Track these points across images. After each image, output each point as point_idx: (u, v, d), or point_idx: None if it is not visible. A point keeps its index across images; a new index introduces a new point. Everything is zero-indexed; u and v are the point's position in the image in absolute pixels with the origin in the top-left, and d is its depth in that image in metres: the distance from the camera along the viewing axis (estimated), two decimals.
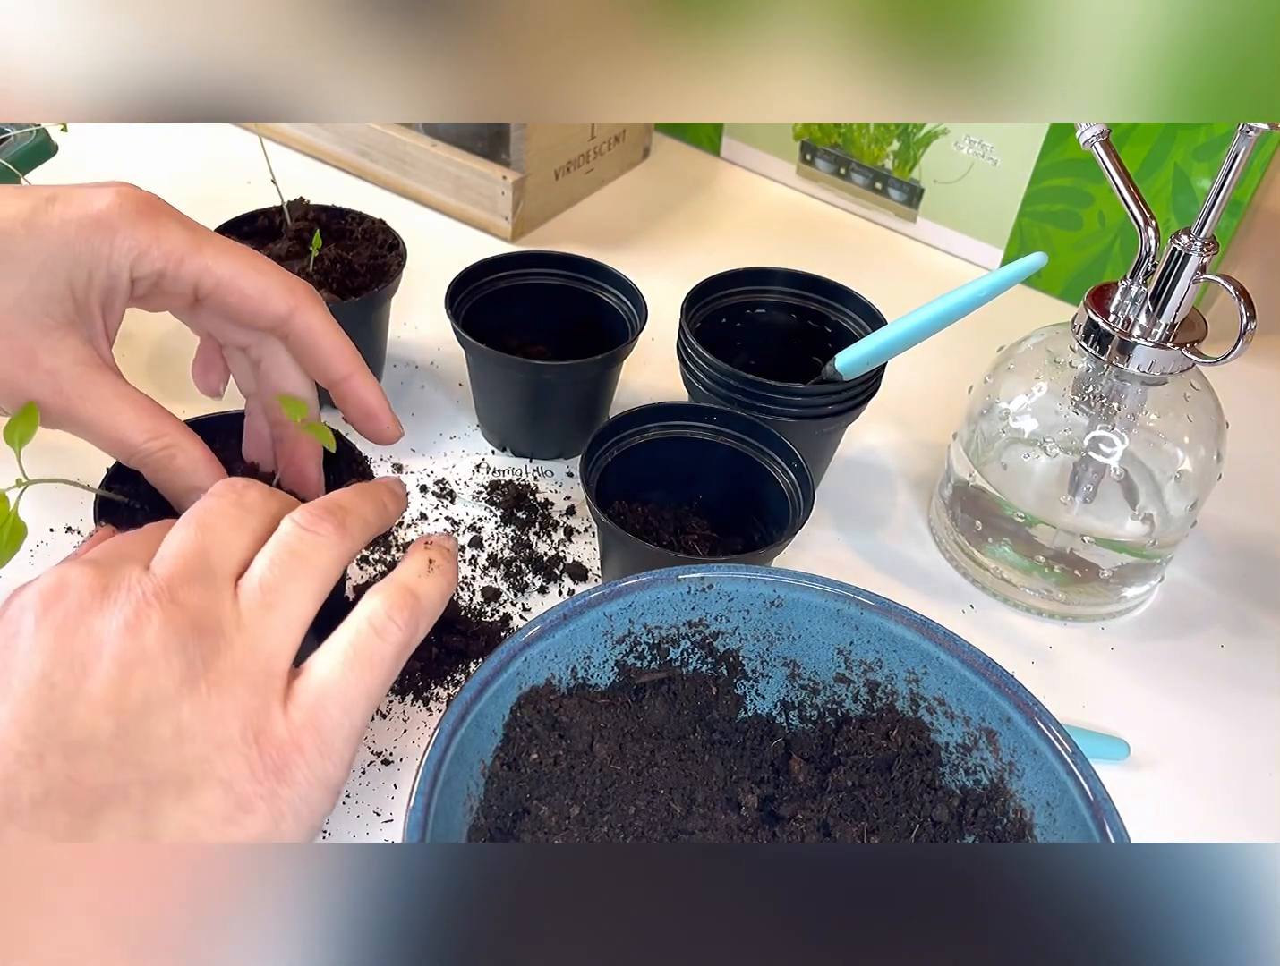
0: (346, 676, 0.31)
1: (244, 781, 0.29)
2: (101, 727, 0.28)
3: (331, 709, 0.30)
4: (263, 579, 0.32)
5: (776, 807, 0.38)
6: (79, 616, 0.29)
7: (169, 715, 0.28)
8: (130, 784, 0.28)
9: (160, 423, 0.39)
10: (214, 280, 0.38)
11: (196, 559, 0.31)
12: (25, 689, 0.28)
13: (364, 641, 0.32)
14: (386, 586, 0.33)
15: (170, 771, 0.28)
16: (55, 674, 0.28)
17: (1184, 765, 0.49)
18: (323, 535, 0.33)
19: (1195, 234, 0.46)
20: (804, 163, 0.84)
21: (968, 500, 0.55)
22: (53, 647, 0.28)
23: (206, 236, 0.39)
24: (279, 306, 0.39)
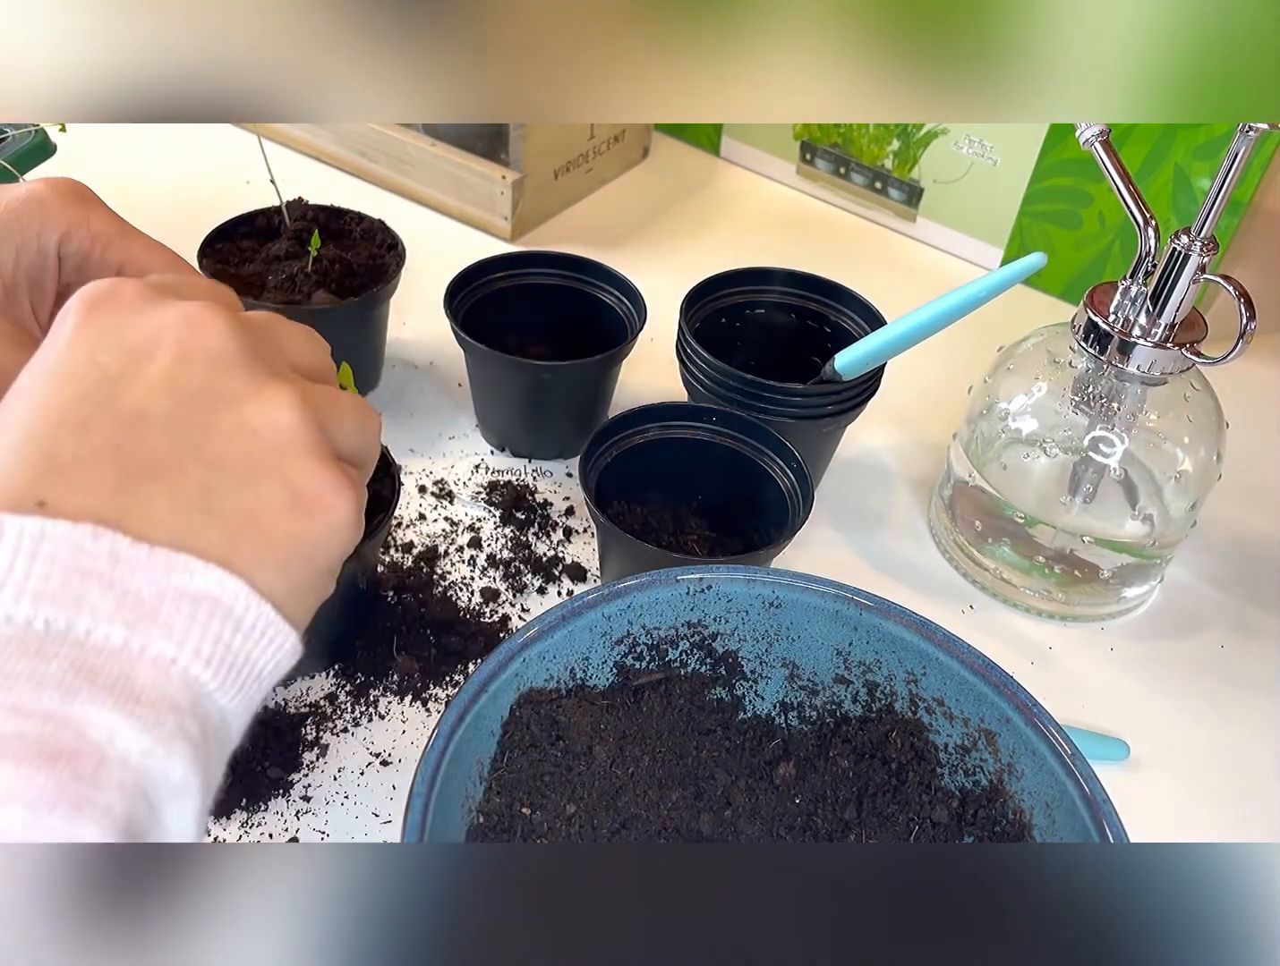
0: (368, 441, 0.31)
1: (308, 484, 0.27)
2: (155, 405, 0.26)
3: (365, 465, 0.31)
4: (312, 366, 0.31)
5: (775, 808, 0.38)
6: (129, 314, 0.27)
7: (230, 411, 0.27)
8: (187, 461, 0.26)
9: None
10: (137, 269, 0.38)
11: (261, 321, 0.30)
12: (70, 367, 0.26)
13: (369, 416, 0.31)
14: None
15: (232, 459, 0.27)
16: (103, 355, 0.26)
17: (1184, 765, 0.49)
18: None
19: (1195, 234, 0.46)
20: (804, 162, 0.84)
21: (967, 500, 0.55)
22: (100, 336, 0.27)
23: (133, 229, 0.39)
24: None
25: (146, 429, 0.26)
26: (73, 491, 0.25)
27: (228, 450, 0.27)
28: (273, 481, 0.27)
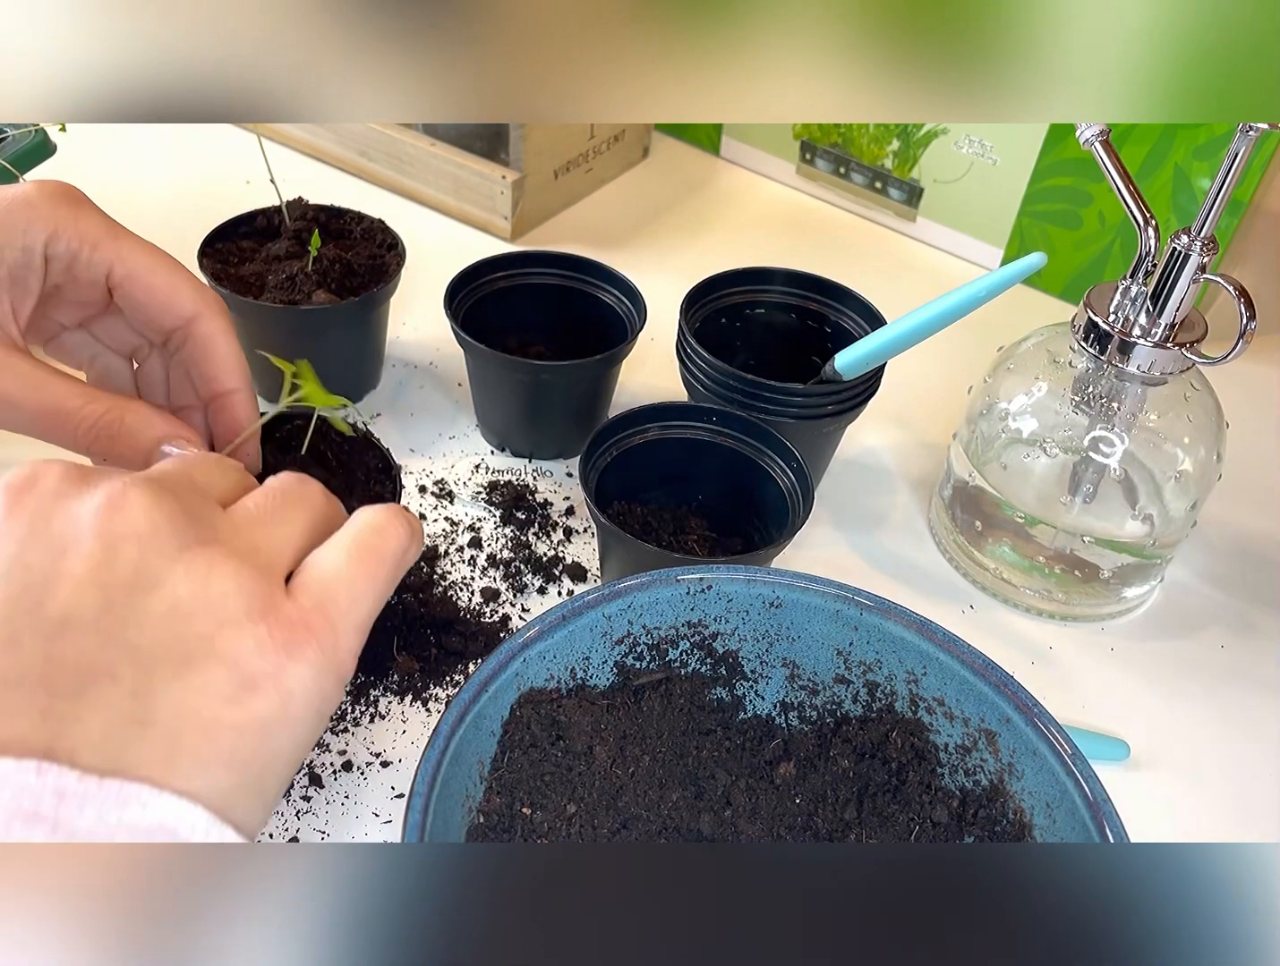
0: (352, 568, 0.29)
1: (250, 658, 0.26)
2: (85, 605, 0.25)
3: (340, 597, 0.29)
4: (256, 503, 0.30)
5: (776, 808, 0.38)
6: (54, 501, 0.27)
7: (161, 593, 0.26)
8: (118, 662, 0.25)
9: (91, 389, 0.37)
10: (126, 270, 0.38)
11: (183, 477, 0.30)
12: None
13: (365, 537, 0.30)
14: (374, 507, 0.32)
15: (165, 649, 0.26)
16: (29, 555, 0.26)
17: (1184, 765, 0.49)
18: (310, 486, 0.32)
19: (1195, 234, 0.46)
20: (804, 162, 0.84)
21: (968, 500, 0.55)
22: (26, 533, 0.26)
23: (123, 230, 0.39)
24: (186, 306, 0.39)
25: (76, 633, 0.25)
26: (3, 720, 0.24)
27: (160, 640, 0.26)
28: (212, 666, 0.26)
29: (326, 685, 0.28)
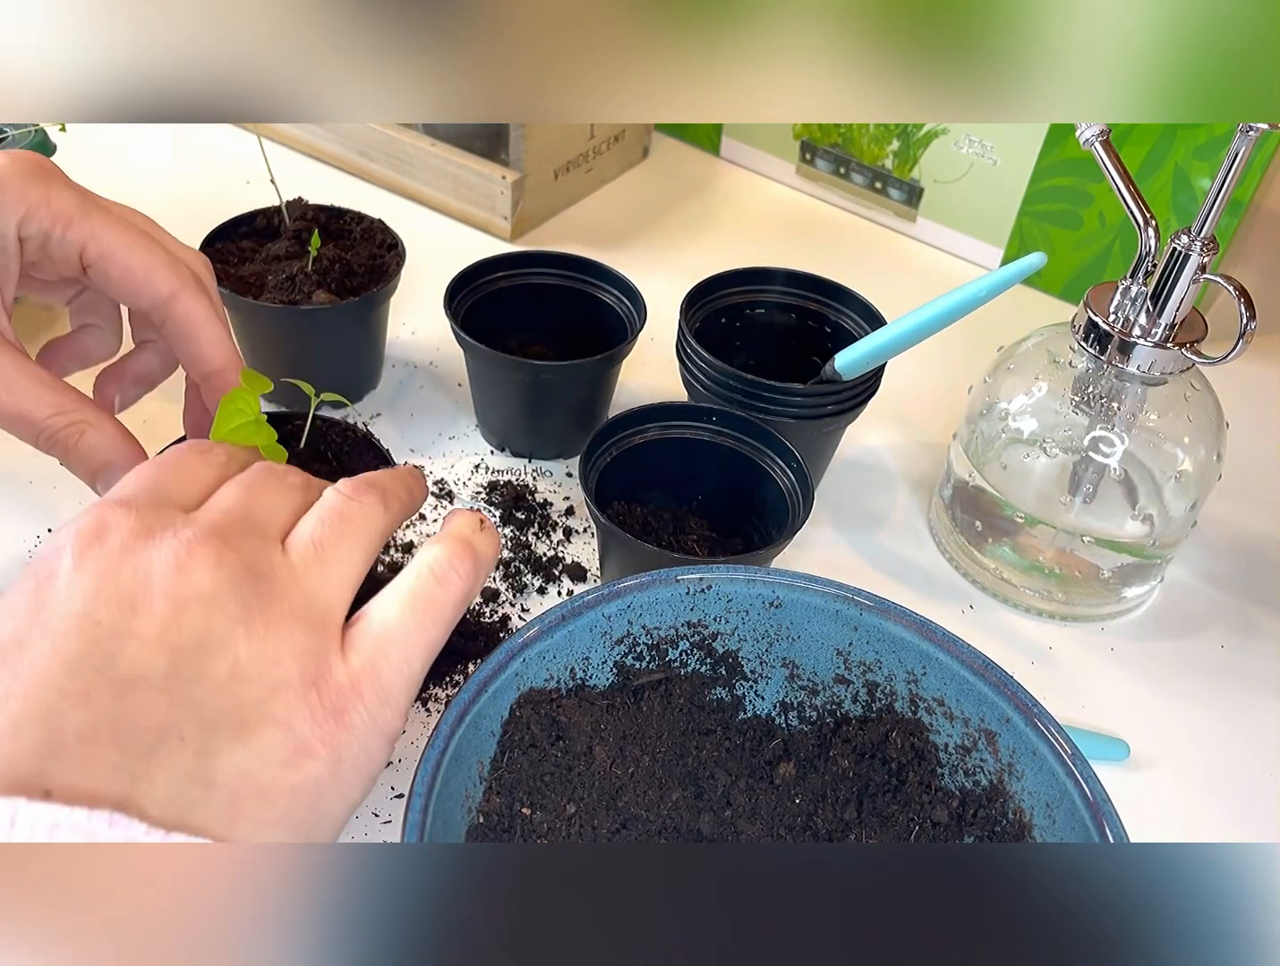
0: (408, 623, 0.30)
1: (303, 724, 0.27)
2: (154, 665, 0.26)
3: (392, 655, 0.29)
4: (314, 536, 0.31)
5: (775, 808, 0.38)
6: (122, 556, 0.28)
7: (224, 655, 0.27)
8: (185, 723, 0.26)
9: (65, 398, 0.37)
10: (99, 248, 0.37)
11: (242, 514, 0.30)
12: (67, 625, 0.26)
13: (425, 588, 0.31)
14: (445, 538, 0.32)
15: (226, 712, 0.27)
16: (100, 611, 0.27)
17: (1184, 765, 0.49)
18: (368, 504, 0.32)
19: (1195, 234, 0.46)
20: (804, 162, 0.84)
21: (968, 500, 0.55)
22: (96, 586, 0.27)
23: (98, 205, 0.38)
24: (161, 286, 0.38)
25: (145, 692, 0.26)
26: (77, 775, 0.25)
27: (222, 702, 0.27)
28: (269, 730, 0.27)
29: (373, 748, 0.29)
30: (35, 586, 0.27)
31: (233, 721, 0.27)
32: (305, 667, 0.28)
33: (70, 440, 0.37)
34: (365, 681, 0.29)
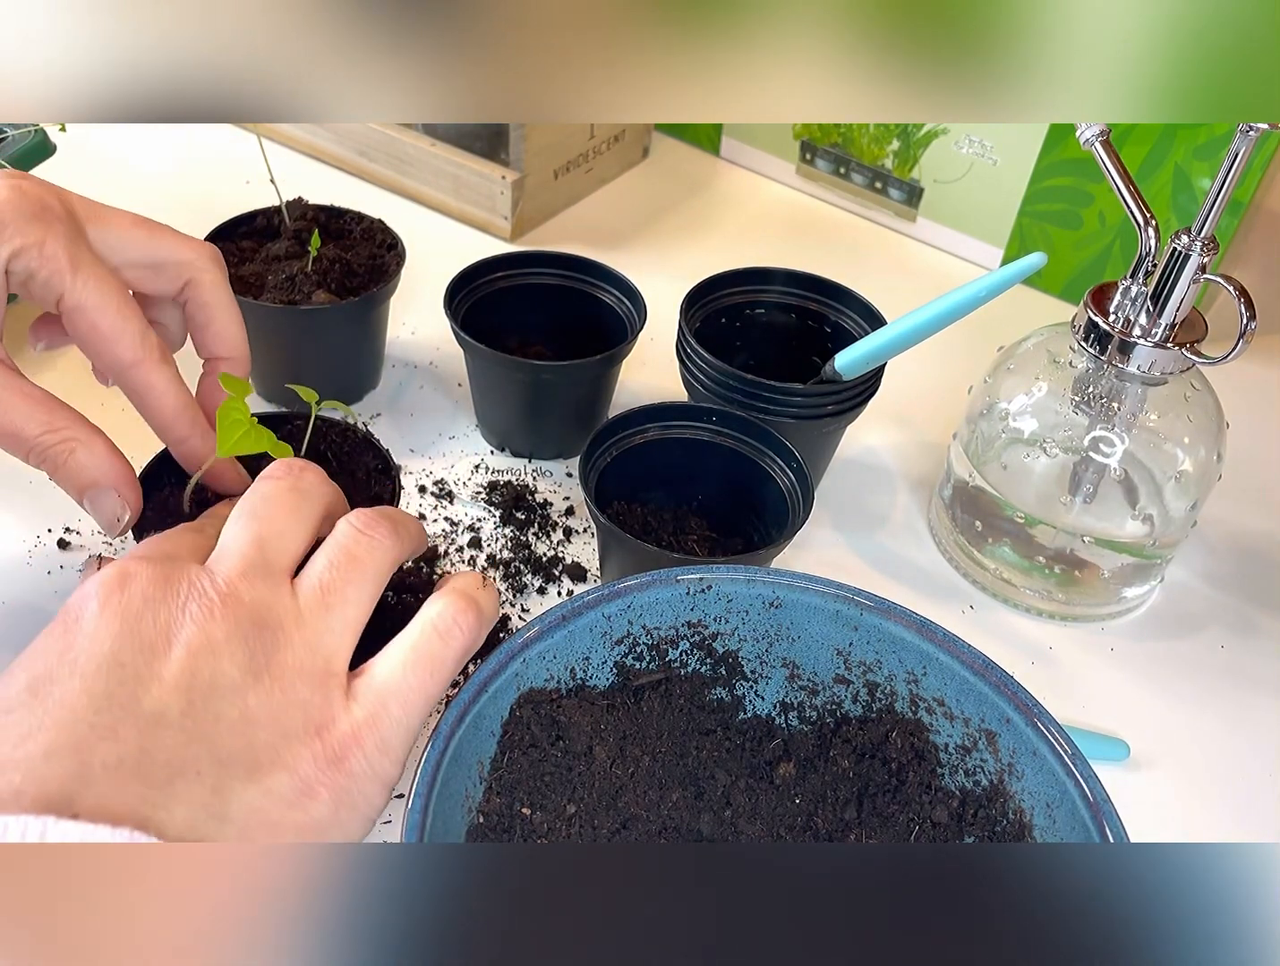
0: (408, 678, 0.32)
1: (308, 769, 0.30)
2: (172, 705, 0.28)
3: (393, 709, 0.31)
4: (322, 579, 0.32)
5: (775, 808, 0.38)
6: (143, 605, 0.30)
7: (235, 700, 0.29)
8: (201, 759, 0.28)
9: (56, 416, 0.38)
10: (75, 301, 0.38)
11: (254, 553, 0.32)
12: (95, 665, 0.28)
13: (428, 644, 0.33)
14: (449, 593, 0.34)
15: (239, 752, 0.29)
16: (124, 654, 0.29)
17: (1184, 765, 0.49)
18: (378, 539, 0.34)
19: (1195, 234, 0.46)
20: (804, 162, 0.84)
21: (968, 500, 0.55)
22: (120, 630, 0.29)
23: (89, 260, 0.38)
24: (124, 353, 0.39)
25: (166, 729, 0.28)
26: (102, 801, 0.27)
27: (235, 744, 0.29)
28: (277, 772, 0.29)
29: (372, 794, 0.31)
30: (64, 629, 0.30)
31: (245, 761, 0.29)
32: (310, 717, 0.30)
33: (60, 457, 0.38)
34: (366, 732, 0.31)
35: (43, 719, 0.27)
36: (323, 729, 0.30)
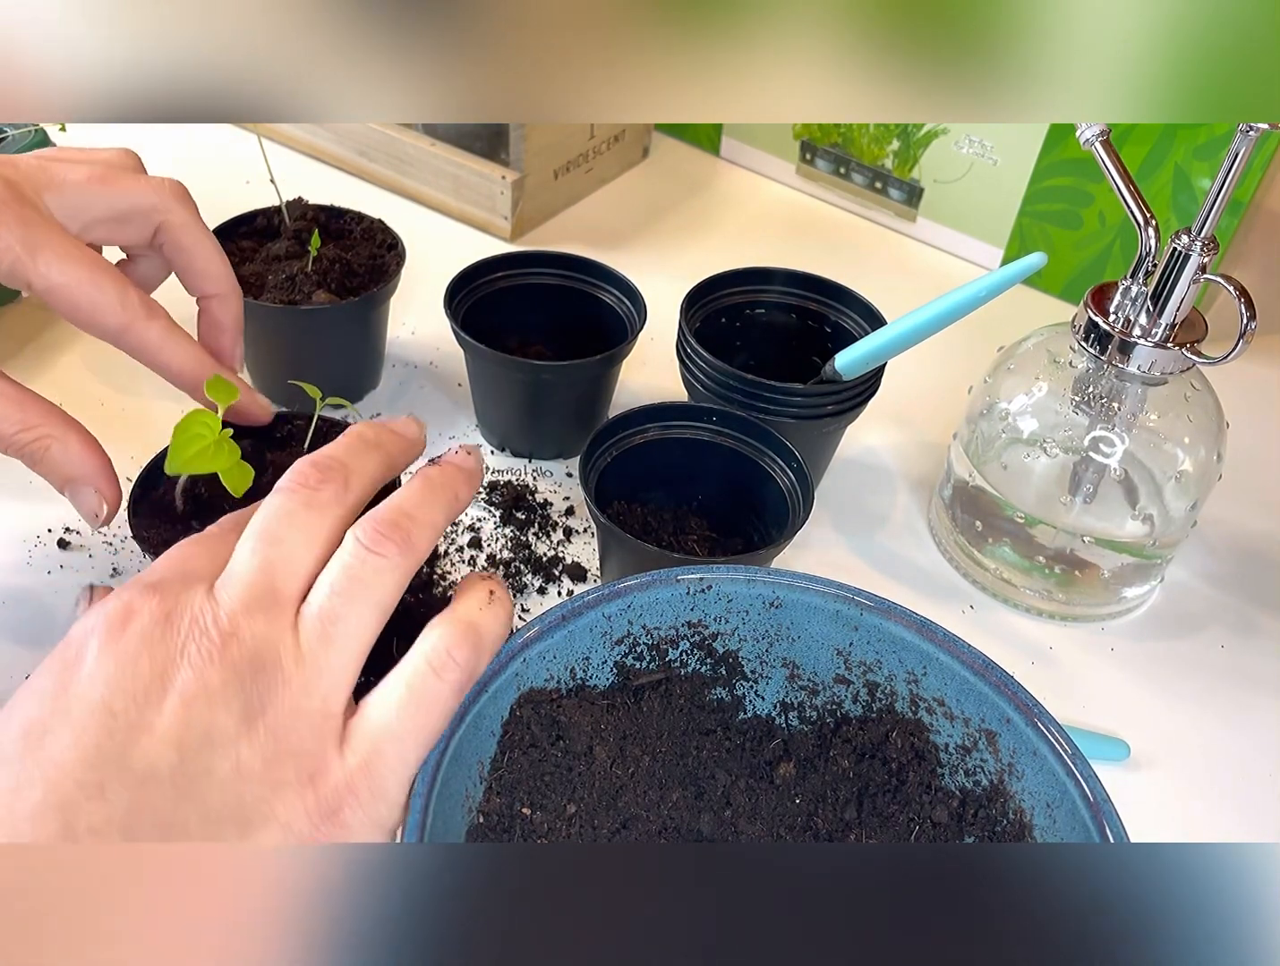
0: (403, 721, 0.31)
1: (300, 824, 0.29)
2: (163, 760, 0.28)
3: (388, 754, 0.30)
4: (323, 608, 0.31)
5: (776, 808, 0.38)
6: (141, 646, 0.29)
7: (228, 755, 0.28)
8: (190, 819, 0.27)
9: (30, 412, 0.38)
10: (45, 285, 0.38)
11: (262, 581, 0.31)
12: (87, 715, 0.28)
13: (422, 682, 0.31)
14: (446, 620, 0.33)
15: (229, 809, 0.28)
16: (117, 702, 0.28)
17: (1184, 765, 0.49)
18: (385, 557, 0.32)
19: (1195, 234, 0.46)
20: (804, 162, 0.84)
21: (968, 500, 0.55)
22: (114, 676, 0.28)
23: (46, 239, 0.38)
24: (110, 321, 0.39)
25: (155, 787, 0.27)
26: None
27: (225, 800, 0.28)
28: (269, 828, 0.28)
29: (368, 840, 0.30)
30: (62, 668, 0.29)
31: (236, 818, 0.28)
32: (303, 767, 0.29)
33: (36, 454, 0.38)
34: (360, 781, 0.30)
35: (32, 773, 0.27)
36: (316, 778, 0.29)
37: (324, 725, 0.30)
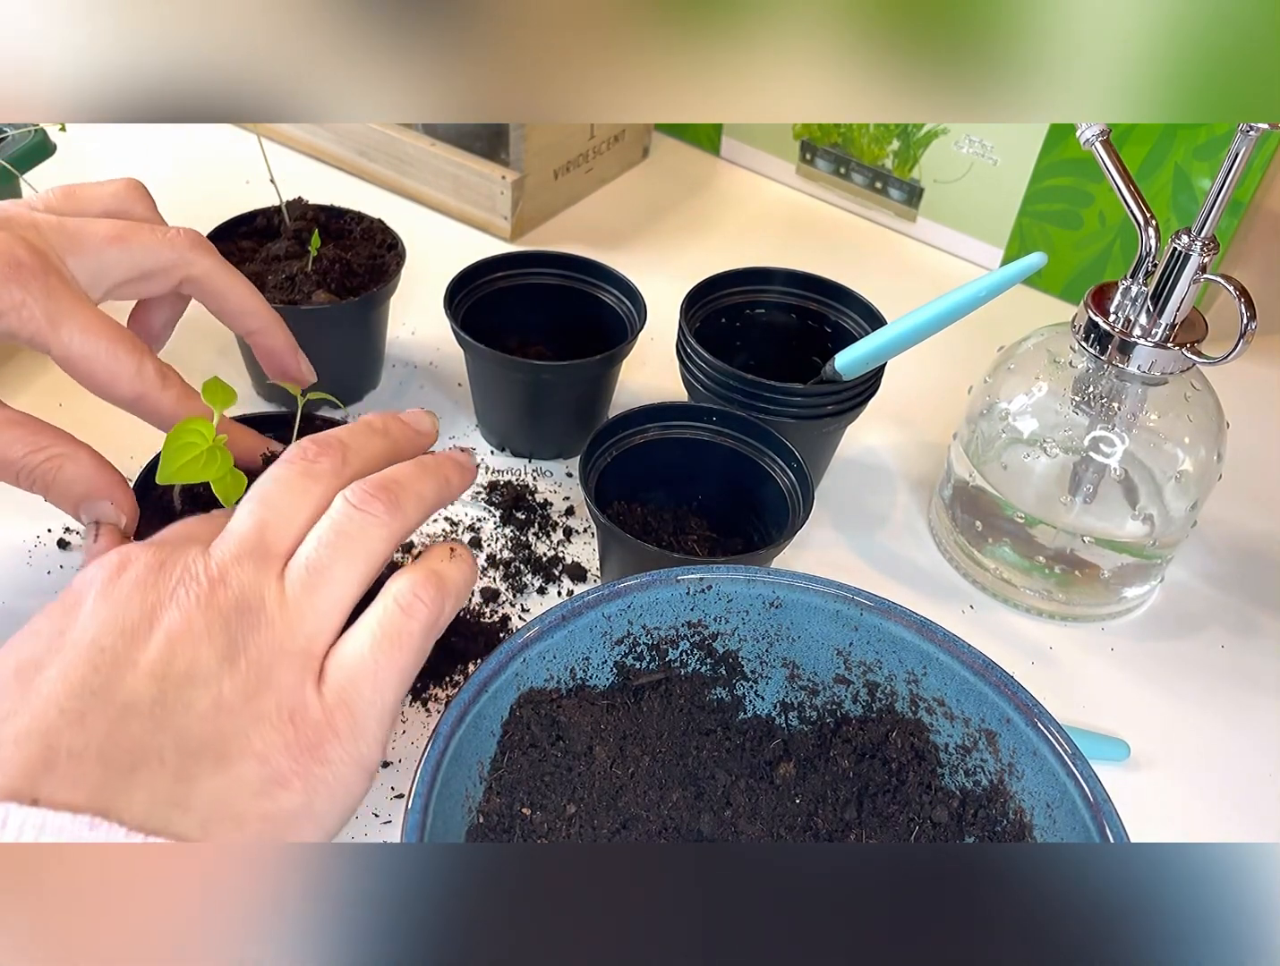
0: (376, 657, 0.31)
1: (280, 757, 0.29)
2: (144, 693, 0.29)
3: (363, 688, 0.31)
4: (309, 559, 0.32)
5: (776, 808, 0.38)
6: (134, 589, 0.30)
7: (209, 689, 0.29)
8: (165, 748, 0.28)
9: (40, 436, 0.38)
10: (63, 353, 0.38)
11: (253, 537, 0.32)
12: (76, 651, 0.29)
13: (391, 619, 0.32)
14: (412, 569, 0.34)
15: (207, 741, 0.29)
16: (105, 639, 0.29)
17: (1184, 765, 0.49)
18: (373, 514, 0.33)
19: (1195, 234, 0.46)
20: (804, 162, 0.84)
21: (968, 500, 0.55)
22: (107, 616, 0.30)
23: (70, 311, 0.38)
24: (125, 391, 0.40)
25: (134, 717, 0.28)
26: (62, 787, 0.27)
27: (204, 731, 0.29)
28: (246, 761, 0.29)
29: (350, 781, 0.30)
30: (61, 613, 0.30)
31: (214, 750, 0.29)
32: (283, 702, 0.30)
33: (49, 476, 0.38)
34: (339, 715, 0.30)
35: (19, 704, 0.28)
36: (295, 714, 0.30)
37: (305, 664, 0.31)
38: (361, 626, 0.32)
